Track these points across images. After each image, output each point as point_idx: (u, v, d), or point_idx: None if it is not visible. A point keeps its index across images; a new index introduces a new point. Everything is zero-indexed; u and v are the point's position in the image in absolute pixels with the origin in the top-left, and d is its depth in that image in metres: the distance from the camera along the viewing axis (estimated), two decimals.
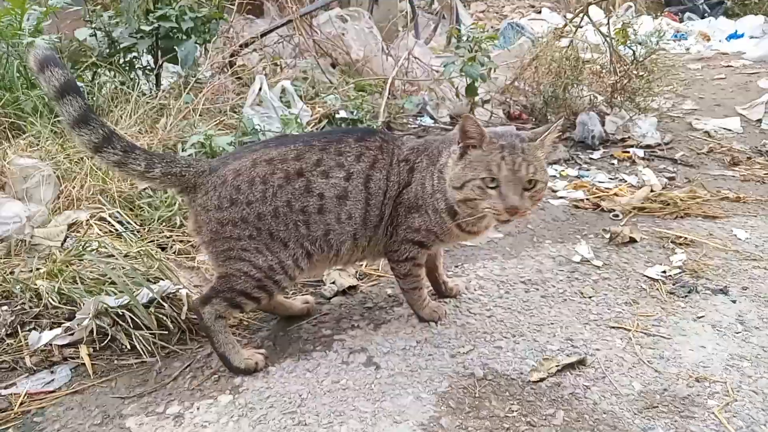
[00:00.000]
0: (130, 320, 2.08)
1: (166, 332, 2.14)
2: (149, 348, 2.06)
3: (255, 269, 1.94)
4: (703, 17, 10.74)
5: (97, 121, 1.88)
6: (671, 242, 2.98)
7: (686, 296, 2.48)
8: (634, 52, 4.83)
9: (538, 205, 2.09)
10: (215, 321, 1.98)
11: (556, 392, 1.89)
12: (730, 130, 4.95)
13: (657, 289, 2.54)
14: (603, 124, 4.77)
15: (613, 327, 2.26)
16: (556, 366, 1.99)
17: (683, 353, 2.10)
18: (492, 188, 1.85)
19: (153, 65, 4.20)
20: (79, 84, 3.89)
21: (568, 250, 2.89)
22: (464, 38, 4.57)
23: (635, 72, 4.80)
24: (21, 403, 1.86)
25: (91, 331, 2.07)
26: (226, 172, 1.94)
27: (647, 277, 2.64)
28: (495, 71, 4.85)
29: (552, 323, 2.27)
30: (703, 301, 2.45)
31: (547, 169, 1.95)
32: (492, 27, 9.75)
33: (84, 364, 2.03)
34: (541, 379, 1.94)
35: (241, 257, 1.94)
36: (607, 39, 4.84)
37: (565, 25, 5.11)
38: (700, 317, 2.32)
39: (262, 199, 1.92)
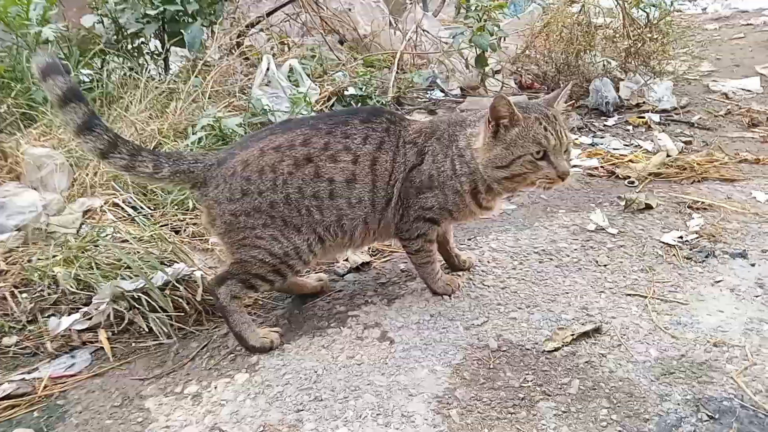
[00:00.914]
0: (146, 303, 2.11)
1: (183, 314, 2.17)
2: (166, 330, 2.09)
3: (270, 256, 1.97)
4: None
5: (102, 126, 1.89)
6: (688, 207, 2.93)
7: (703, 261, 2.44)
8: (647, 14, 4.71)
9: None
10: (230, 301, 2.00)
11: (572, 361, 1.88)
12: (749, 90, 4.83)
13: (673, 255, 2.51)
14: (617, 90, 4.68)
15: (629, 294, 2.23)
16: (571, 335, 1.98)
17: (701, 318, 2.07)
18: (540, 159, 1.92)
19: (161, 50, 4.19)
20: (89, 71, 3.97)
21: (583, 219, 2.86)
22: (473, 8, 4.50)
23: (649, 35, 4.69)
24: (44, 387, 1.90)
25: (109, 316, 2.11)
26: (235, 163, 1.94)
27: (664, 243, 2.60)
28: (505, 40, 4.78)
29: (567, 293, 2.25)
30: (721, 265, 2.41)
31: None
32: None
33: (103, 347, 2.06)
34: (556, 349, 1.93)
35: (256, 245, 1.96)
36: (620, 2, 4.72)
37: None
38: (717, 282, 2.29)
39: (272, 187, 1.93)
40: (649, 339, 1.98)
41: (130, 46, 4.11)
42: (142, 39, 4.13)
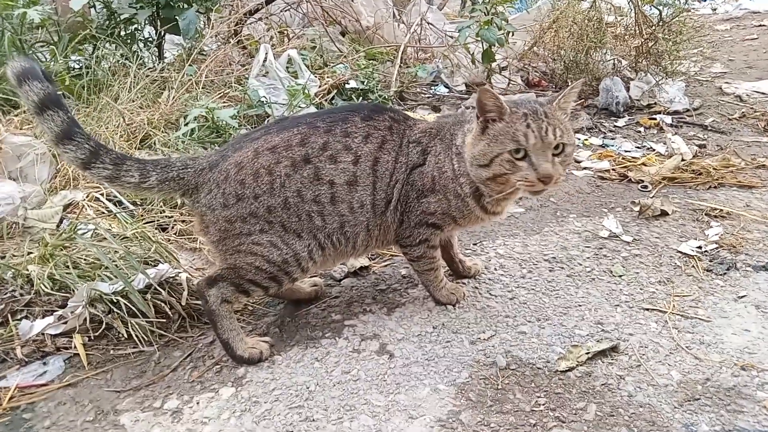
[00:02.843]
0: (126, 307, 1.94)
1: (165, 319, 2.00)
2: (147, 337, 1.93)
3: (267, 263, 1.82)
4: None
5: (83, 134, 1.75)
6: (705, 214, 2.77)
7: (725, 274, 2.29)
8: (660, 12, 4.55)
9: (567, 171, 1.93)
10: (220, 305, 1.84)
11: (587, 383, 1.73)
12: (764, 93, 4.67)
13: (692, 266, 2.35)
14: (628, 89, 4.52)
15: (647, 309, 2.08)
16: (586, 353, 1.82)
17: (725, 338, 1.92)
18: (521, 159, 1.73)
19: (155, 37, 4.02)
20: (79, 58, 3.79)
21: (595, 224, 2.70)
22: (480, 1, 4.33)
23: (661, 34, 4.53)
24: (10, 398, 1.74)
25: (85, 320, 1.94)
26: (228, 166, 1.80)
27: (681, 253, 2.45)
28: (512, 35, 4.61)
29: (580, 305, 2.10)
30: (743, 278, 2.25)
31: (572, 131, 1.81)
32: None
33: (78, 354, 1.90)
34: (570, 369, 1.77)
35: (253, 251, 1.81)
36: None
37: None
38: (741, 297, 2.13)
39: (269, 191, 1.78)
40: (671, 360, 1.82)
41: (123, 33, 3.93)
42: (136, 25, 3.95)
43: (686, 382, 1.73)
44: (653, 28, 4.53)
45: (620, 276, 2.28)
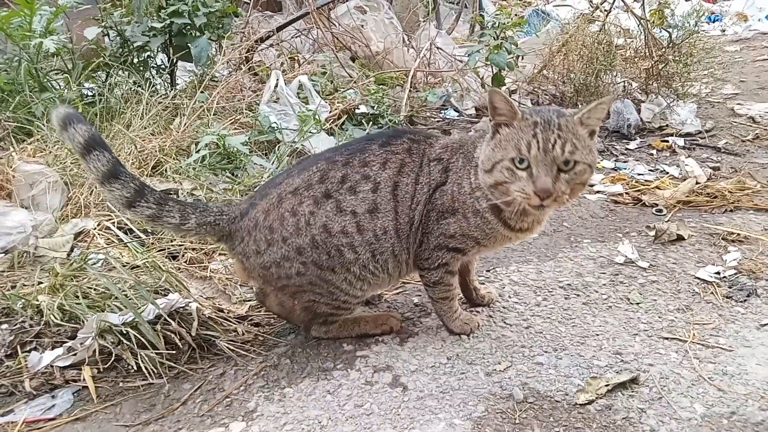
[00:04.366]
0: (135, 338, 1.92)
1: (175, 351, 1.97)
2: (156, 369, 1.90)
3: (320, 297, 1.92)
4: None
5: (128, 174, 1.85)
6: (722, 239, 2.73)
7: (745, 300, 2.24)
8: (670, 34, 4.54)
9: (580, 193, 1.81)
10: (328, 333, 2.04)
11: (608, 417, 1.68)
12: None
13: (711, 292, 2.30)
14: (639, 111, 4.50)
15: (666, 338, 2.03)
16: (606, 385, 1.77)
17: (749, 368, 1.86)
18: (522, 169, 1.66)
19: (167, 64, 4.05)
20: (92, 85, 3.83)
21: (610, 250, 2.66)
22: (489, 25, 4.34)
23: (672, 56, 4.52)
24: None
25: (95, 351, 1.92)
26: (257, 213, 1.88)
27: (699, 279, 2.40)
28: (522, 59, 4.61)
29: (597, 334, 2.05)
30: (765, 306, 2.20)
31: (593, 150, 1.72)
32: (516, 14, 9.46)
33: (87, 387, 1.87)
34: (590, 402, 1.72)
35: (303, 291, 1.91)
36: (642, 21, 4.55)
37: (596, 7, 4.83)
38: (764, 325, 2.08)
39: (296, 231, 1.83)
40: (693, 392, 1.77)
41: (136, 60, 3.97)
42: (149, 53, 3.99)
43: (710, 415, 1.67)
44: (663, 50, 4.52)
45: (638, 303, 2.24)
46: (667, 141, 4.13)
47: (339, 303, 1.95)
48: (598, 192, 3.35)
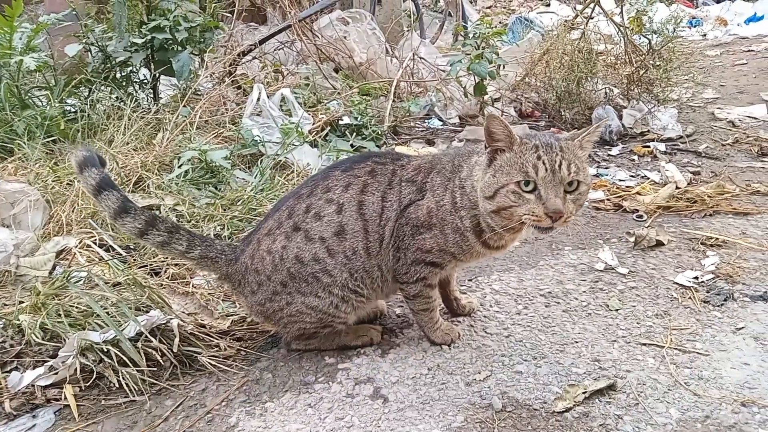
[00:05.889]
0: (117, 356, 1.92)
1: (156, 368, 1.98)
2: (138, 386, 1.90)
3: (310, 324, 2.00)
4: (718, 1, 10.38)
5: (136, 208, 1.98)
6: (701, 244, 2.76)
7: (722, 305, 2.27)
8: (649, 41, 4.60)
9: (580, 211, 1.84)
10: (308, 345, 2.09)
11: (585, 424, 1.69)
12: (755, 118, 4.69)
13: (689, 297, 2.33)
14: (620, 117, 4.55)
15: (644, 344, 2.05)
16: (583, 393, 1.79)
17: (724, 372, 1.89)
18: (529, 192, 1.67)
19: (150, 79, 4.06)
20: (74, 101, 3.83)
21: (590, 257, 2.69)
22: (470, 35, 4.39)
23: (652, 62, 4.58)
24: None
25: (76, 370, 1.92)
26: (245, 258, 2.00)
27: (678, 284, 2.43)
28: (504, 68, 4.66)
29: (576, 342, 2.07)
30: (741, 309, 2.23)
31: (589, 171, 1.77)
32: (500, 22, 9.55)
33: (69, 405, 1.87)
34: (567, 409, 1.74)
35: (294, 320, 1.99)
36: (621, 29, 4.61)
37: (576, 15, 4.89)
38: (740, 329, 2.11)
39: (274, 269, 1.93)
40: (669, 397, 1.79)
41: (118, 75, 3.98)
42: (131, 68, 4.00)
43: (685, 420, 1.70)
44: (643, 56, 4.58)
45: (617, 310, 2.26)
46: (649, 146, 4.18)
47: (327, 323, 2.00)
48: None
